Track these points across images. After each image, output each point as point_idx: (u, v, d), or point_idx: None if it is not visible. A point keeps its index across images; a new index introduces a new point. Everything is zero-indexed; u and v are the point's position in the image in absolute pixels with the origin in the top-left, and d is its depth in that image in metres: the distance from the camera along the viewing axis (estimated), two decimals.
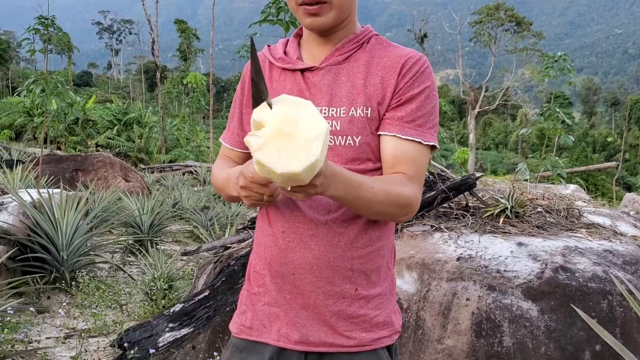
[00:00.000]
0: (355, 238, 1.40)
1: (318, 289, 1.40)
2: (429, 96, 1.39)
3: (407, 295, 2.59)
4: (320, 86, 1.43)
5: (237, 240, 3.55)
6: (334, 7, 1.38)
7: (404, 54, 1.42)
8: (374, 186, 1.28)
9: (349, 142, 1.39)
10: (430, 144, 1.39)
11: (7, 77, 55.74)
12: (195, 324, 2.70)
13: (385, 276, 1.47)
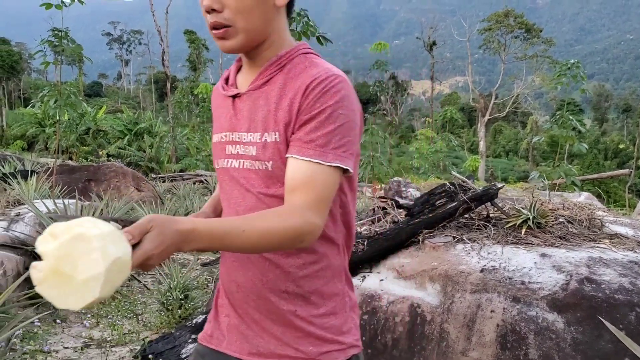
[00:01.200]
0: (287, 263, 1.41)
1: (260, 307, 1.45)
2: (331, 115, 1.30)
3: (430, 307, 2.57)
4: (243, 112, 1.44)
5: None
6: (239, 30, 1.36)
7: (313, 74, 1.35)
8: (247, 229, 1.22)
9: (265, 166, 1.39)
10: (334, 165, 1.30)
11: (19, 88, 56.28)
12: None
13: (330, 296, 1.45)
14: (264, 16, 1.37)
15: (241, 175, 1.44)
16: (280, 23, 1.42)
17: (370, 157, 14.35)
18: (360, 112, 1.42)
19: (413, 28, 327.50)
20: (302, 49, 1.44)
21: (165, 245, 1.11)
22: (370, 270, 2.92)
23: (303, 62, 1.40)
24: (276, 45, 1.42)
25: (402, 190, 11.82)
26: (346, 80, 1.36)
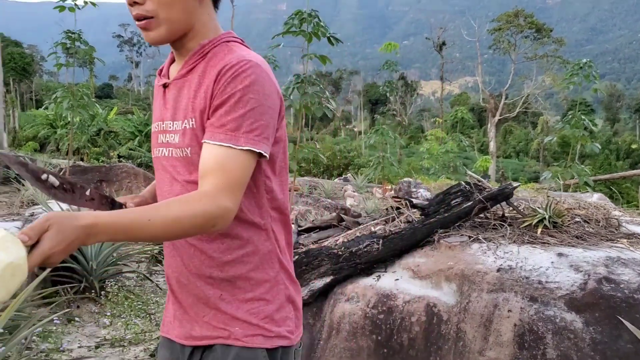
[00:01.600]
0: (210, 248, 1.43)
1: (189, 292, 1.49)
2: (241, 99, 1.31)
3: (447, 307, 2.55)
4: (170, 101, 1.47)
5: None
6: (162, 21, 1.38)
7: (226, 60, 1.37)
8: (153, 218, 1.23)
9: (185, 153, 1.42)
10: (245, 148, 1.31)
11: (31, 90, 56.68)
12: None
13: (260, 282, 1.45)
14: (186, 7, 1.38)
15: (169, 163, 1.47)
16: (203, 14, 1.44)
17: (380, 157, 14.33)
18: (279, 96, 1.41)
19: (422, 28, 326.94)
20: (225, 37, 1.46)
21: (67, 242, 1.11)
22: (385, 270, 2.91)
23: (223, 50, 1.42)
24: (200, 35, 1.44)
25: (413, 191, 11.79)
26: (259, 65, 1.36)
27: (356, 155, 29.18)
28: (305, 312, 2.90)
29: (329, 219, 3.91)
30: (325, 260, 2.92)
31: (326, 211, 10.89)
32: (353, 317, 2.70)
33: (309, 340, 2.81)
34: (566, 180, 9.45)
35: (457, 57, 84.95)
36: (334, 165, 27.09)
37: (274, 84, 1.38)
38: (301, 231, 3.70)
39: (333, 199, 13.01)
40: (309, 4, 8.68)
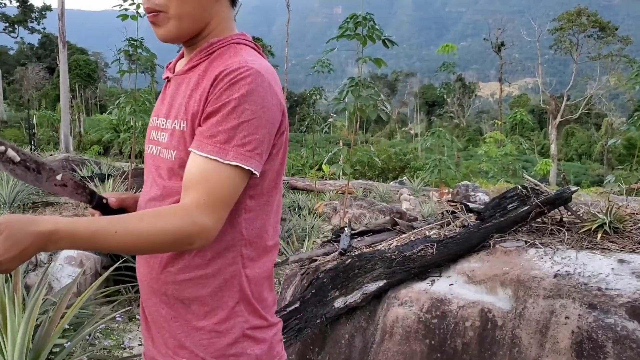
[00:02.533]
0: (168, 262, 1.33)
1: (148, 307, 1.41)
2: (236, 109, 1.19)
3: (502, 312, 2.52)
4: (167, 97, 1.39)
5: (322, 253, 3.58)
6: (172, 17, 1.28)
7: (227, 64, 1.25)
8: (120, 230, 1.12)
9: (169, 156, 1.32)
10: (233, 163, 1.19)
11: (95, 95, 58.84)
12: (287, 335, 2.74)
13: (217, 311, 1.32)
14: (200, 3, 1.29)
15: (154, 163, 1.38)
16: (219, 11, 1.35)
17: (436, 160, 14.17)
18: (281, 109, 1.31)
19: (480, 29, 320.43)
20: (236, 38, 1.36)
21: (20, 248, 1.03)
22: (439, 274, 2.89)
23: (230, 51, 1.32)
24: (213, 34, 1.36)
25: (471, 195, 11.60)
26: (261, 73, 1.24)
27: (412, 158, 28.95)
28: (359, 315, 2.92)
29: (383, 222, 3.91)
30: (378, 264, 2.93)
31: (381, 215, 10.86)
32: (406, 321, 2.70)
33: (362, 343, 2.83)
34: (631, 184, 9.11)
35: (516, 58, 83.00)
36: (389, 168, 26.95)
37: (276, 95, 1.27)
38: (354, 234, 3.72)
39: (388, 202, 12.96)
40: (364, 7, 8.71)
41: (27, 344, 2.69)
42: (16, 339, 2.63)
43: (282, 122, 1.32)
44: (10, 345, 2.62)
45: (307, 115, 38.83)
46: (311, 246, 6.89)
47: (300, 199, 12.23)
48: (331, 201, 12.57)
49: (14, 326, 2.67)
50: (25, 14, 58.74)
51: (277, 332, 1.43)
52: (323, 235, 8.83)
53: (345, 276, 2.96)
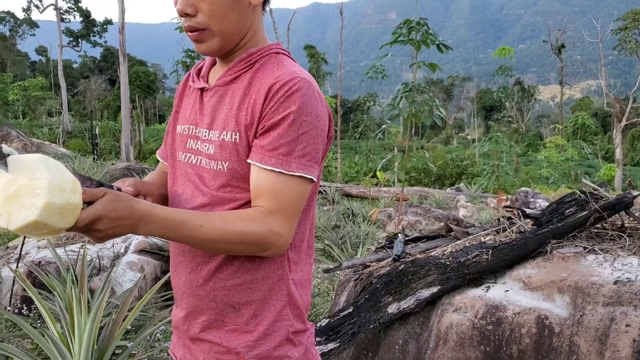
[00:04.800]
0: (218, 268, 1.34)
1: (190, 314, 1.41)
2: (294, 122, 1.23)
3: (559, 319, 2.47)
4: (207, 107, 1.39)
5: (376, 259, 3.59)
6: (215, 33, 1.31)
7: (276, 76, 1.28)
8: (206, 224, 1.20)
9: (219, 167, 1.33)
10: (297, 174, 1.25)
11: (154, 105, 60.63)
12: (340, 339, 2.77)
13: (266, 314, 1.35)
14: (238, 17, 1.32)
15: (195, 172, 1.39)
16: (255, 21, 1.37)
17: (494, 166, 13.92)
18: (329, 116, 1.36)
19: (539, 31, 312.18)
20: (274, 48, 1.39)
21: (118, 214, 1.10)
22: (494, 280, 2.86)
23: (272, 62, 1.35)
24: (250, 43, 1.38)
25: (530, 201, 11.33)
26: (310, 83, 1.29)
27: (469, 164, 28.49)
28: (412, 321, 2.91)
29: (437, 228, 3.88)
30: (432, 270, 2.92)
31: (437, 222, 10.72)
32: (461, 327, 2.67)
33: (416, 349, 2.82)
34: None
35: (577, 60, 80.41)
36: (445, 174, 26.63)
37: (325, 103, 1.33)
38: (408, 241, 3.71)
39: (444, 209, 12.81)
40: (419, 12, 8.68)
41: (93, 344, 2.82)
42: (82, 338, 2.76)
43: (330, 128, 1.37)
44: (77, 345, 2.76)
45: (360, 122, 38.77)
46: (365, 253, 6.89)
47: (354, 206, 12.23)
48: (386, 208, 12.52)
49: (80, 326, 2.81)
50: (88, 29, 61.22)
51: (310, 336, 1.46)
52: (377, 242, 8.80)
53: (399, 282, 2.96)
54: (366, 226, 9.27)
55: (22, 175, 1.03)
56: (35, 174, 1.03)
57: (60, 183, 1.04)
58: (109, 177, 12.07)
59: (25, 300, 4.66)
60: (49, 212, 1.01)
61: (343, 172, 24.22)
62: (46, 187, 1.01)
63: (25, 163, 1.05)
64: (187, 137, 1.43)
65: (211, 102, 1.38)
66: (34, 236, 1.05)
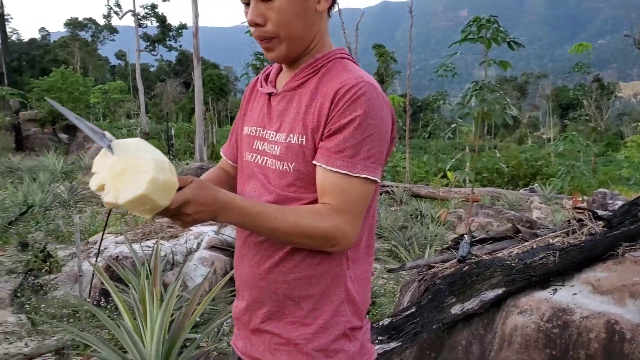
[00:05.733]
0: (280, 262, 1.39)
1: (252, 305, 1.46)
2: (360, 125, 1.29)
3: (631, 324, 2.38)
4: (275, 111, 1.45)
5: (440, 260, 3.57)
6: (283, 40, 1.37)
7: (342, 80, 1.34)
8: (279, 216, 1.27)
9: (285, 167, 1.38)
10: (362, 176, 1.30)
11: (226, 107, 62.04)
12: (403, 338, 2.78)
13: (324, 309, 1.40)
14: (305, 24, 1.38)
15: (261, 171, 1.45)
16: (321, 27, 1.43)
17: (569, 166, 13.42)
18: (392, 119, 1.39)
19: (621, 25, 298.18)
20: (339, 54, 1.45)
21: (203, 200, 1.19)
22: (562, 283, 2.78)
23: (337, 67, 1.41)
24: (317, 49, 1.44)
25: (609, 203, 10.85)
26: (375, 87, 1.34)
27: (544, 164, 27.54)
28: (477, 322, 2.88)
29: (504, 230, 3.81)
30: (497, 271, 2.88)
31: (509, 224, 10.45)
32: (526, 330, 2.62)
33: (480, 350, 2.79)
34: None
35: None
36: (519, 175, 25.88)
37: (388, 106, 1.37)
38: (474, 242, 3.66)
39: (517, 211, 12.46)
40: (491, 9, 8.50)
41: (164, 335, 2.96)
42: (154, 330, 2.91)
43: (393, 130, 1.41)
44: (149, 335, 2.91)
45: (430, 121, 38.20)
46: (432, 254, 6.82)
47: (423, 206, 12.10)
48: (456, 209, 12.32)
49: (152, 318, 2.95)
50: (164, 33, 63.48)
51: (366, 332, 1.50)
52: (446, 243, 8.69)
53: (463, 283, 2.93)
54: (435, 227, 9.16)
55: (127, 155, 1.15)
56: (140, 153, 1.14)
57: (162, 162, 1.14)
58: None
59: (103, 292, 4.92)
60: (154, 187, 1.11)
61: (412, 172, 23.99)
62: (152, 165, 1.12)
63: (128, 146, 1.17)
64: (254, 139, 1.49)
65: (279, 106, 1.44)
66: (137, 212, 1.14)
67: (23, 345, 4.43)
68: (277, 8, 1.33)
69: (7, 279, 6.33)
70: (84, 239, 6.96)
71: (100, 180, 1.15)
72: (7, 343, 4.58)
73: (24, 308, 5.31)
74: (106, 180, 1.14)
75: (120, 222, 8.31)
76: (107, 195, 1.13)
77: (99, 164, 1.18)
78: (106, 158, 1.17)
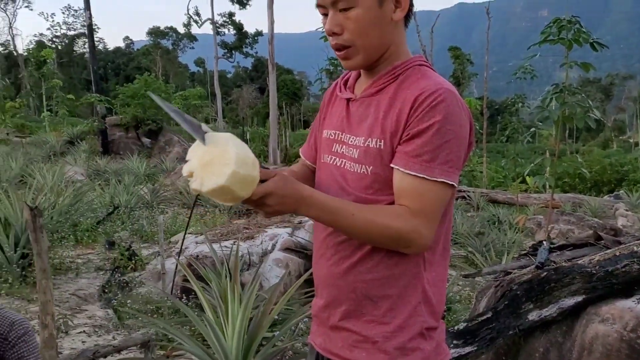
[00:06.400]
0: (358, 262, 1.43)
1: (330, 304, 1.51)
2: (439, 131, 1.32)
3: None
4: (354, 116, 1.50)
5: (518, 266, 3.51)
6: (359, 49, 1.42)
7: (421, 87, 1.36)
8: (357, 213, 1.32)
9: (363, 170, 1.43)
10: (439, 180, 1.32)
11: (299, 112, 62.90)
12: (478, 343, 2.77)
13: (402, 309, 1.43)
14: (381, 33, 1.42)
15: (340, 173, 1.50)
16: (398, 36, 1.46)
17: None
18: (470, 124, 1.42)
19: None
20: (417, 61, 1.47)
21: (285, 193, 1.27)
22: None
23: (416, 73, 1.43)
24: (393, 56, 1.47)
25: None
26: (454, 94, 1.37)
27: (631, 169, 26.20)
28: (554, 329, 2.82)
29: (585, 236, 3.70)
30: (577, 278, 2.81)
31: (590, 231, 10.05)
32: (607, 339, 2.55)
33: (558, 358, 2.74)
34: None
35: None
36: (603, 180, 24.77)
37: (467, 111, 1.40)
38: (553, 248, 3.58)
39: (601, 218, 11.97)
40: (574, 8, 8.22)
41: (244, 331, 3.09)
42: (235, 325, 3.06)
43: (470, 135, 1.43)
44: (230, 330, 3.06)
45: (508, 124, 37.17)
46: (510, 261, 6.68)
47: (500, 212, 11.83)
48: (535, 215, 11.96)
49: (234, 314, 3.11)
50: (241, 40, 65.17)
51: (441, 332, 1.53)
52: (524, 250, 8.45)
53: (541, 289, 2.88)
54: (513, 234, 8.94)
55: (216, 148, 1.26)
56: (227, 147, 1.24)
57: (245, 157, 1.23)
58: None
59: (184, 290, 5.14)
60: (234, 180, 1.20)
61: (489, 177, 23.45)
62: (234, 159, 1.21)
63: (218, 139, 1.28)
64: (333, 142, 1.55)
65: (358, 111, 1.49)
66: (220, 200, 1.26)
67: (111, 338, 4.71)
68: (354, 18, 1.38)
69: (96, 276, 6.73)
70: (166, 238, 7.28)
71: (191, 168, 1.26)
72: (96, 336, 4.89)
73: (111, 303, 5.63)
74: (195, 169, 1.25)
75: (199, 223, 8.63)
76: (194, 182, 1.24)
77: (192, 153, 1.29)
78: (198, 148, 1.28)
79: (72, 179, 12.65)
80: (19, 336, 1.58)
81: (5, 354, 1.55)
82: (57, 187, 9.06)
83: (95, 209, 9.54)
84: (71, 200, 8.30)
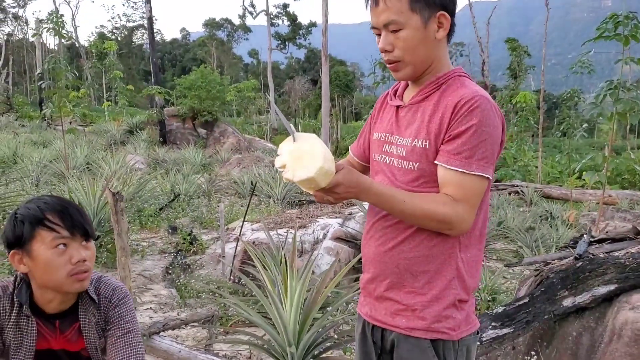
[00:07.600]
0: (403, 242, 1.69)
1: (376, 277, 1.77)
2: (476, 132, 1.56)
3: None
4: (402, 120, 1.74)
5: (557, 257, 3.69)
6: (407, 63, 1.66)
7: (460, 94, 1.60)
8: (407, 200, 1.58)
9: (410, 166, 1.68)
10: (476, 173, 1.57)
11: (351, 104, 62.73)
12: (515, 325, 2.99)
13: (438, 282, 1.67)
14: (427, 50, 1.66)
15: (388, 169, 1.75)
16: (440, 51, 1.70)
17: None
18: (503, 126, 1.66)
19: None
20: (457, 72, 1.71)
21: (350, 184, 1.53)
22: None
23: (456, 83, 1.68)
24: (437, 69, 1.71)
25: None
26: (489, 100, 1.61)
27: None
28: (587, 315, 3.02)
29: (625, 230, 3.84)
30: (610, 268, 2.99)
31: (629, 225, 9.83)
32: (636, 324, 2.73)
33: (590, 342, 2.93)
34: None
35: None
36: None
37: (500, 115, 1.64)
38: (593, 242, 3.74)
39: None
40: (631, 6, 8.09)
41: (300, 307, 3.44)
42: (294, 299, 3.42)
43: (503, 135, 1.68)
44: (289, 305, 3.41)
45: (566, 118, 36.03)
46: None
47: (554, 208, 11.75)
48: (590, 212, 11.80)
49: (292, 290, 3.46)
50: (294, 32, 65.45)
51: (471, 305, 1.77)
52: None
53: (576, 278, 3.08)
54: (564, 230, 8.93)
55: (305, 145, 1.55)
56: (315, 146, 1.54)
57: (328, 154, 1.51)
58: None
59: (241, 272, 5.51)
60: (320, 173, 1.48)
61: (544, 172, 23.00)
62: (322, 155, 1.51)
63: (305, 138, 1.58)
64: (383, 143, 1.80)
65: (406, 116, 1.74)
66: (304, 188, 1.57)
67: (175, 315, 5.12)
68: (403, 38, 1.64)
69: (160, 258, 7.21)
70: (226, 224, 7.67)
71: (283, 161, 1.55)
72: (162, 312, 5.31)
73: (174, 283, 6.07)
74: (287, 162, 1.54)
75: (255, 211, 9.02)
76: (286, 172, 1.53)
77: (283, 148, 1.59)
78: (288, 144, 1.58)
79: (134, 167, 13.28)
80: (119, 299, 1.92)
81: (109, 312, 1.90)
82: (123, 175, 9.60)
83: (157, 197, 10.07)
84: (136, 187, 8.82)
